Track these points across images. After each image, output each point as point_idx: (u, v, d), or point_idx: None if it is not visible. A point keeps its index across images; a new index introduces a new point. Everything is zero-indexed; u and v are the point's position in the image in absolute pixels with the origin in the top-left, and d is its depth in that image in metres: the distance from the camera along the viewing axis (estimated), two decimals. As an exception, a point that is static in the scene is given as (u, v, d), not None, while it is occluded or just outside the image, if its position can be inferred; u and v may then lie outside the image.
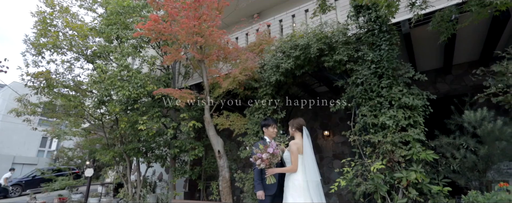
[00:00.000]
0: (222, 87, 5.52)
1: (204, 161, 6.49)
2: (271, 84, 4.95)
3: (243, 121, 5.59)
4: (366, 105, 3.85)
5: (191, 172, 6.33)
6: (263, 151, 3.38)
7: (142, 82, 5.39)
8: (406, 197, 3.32)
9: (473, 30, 4.71)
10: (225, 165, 5.41)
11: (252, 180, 4.72)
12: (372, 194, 3.58)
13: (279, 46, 4.97)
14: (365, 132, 3.84)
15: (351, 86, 4.14)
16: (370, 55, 3.93)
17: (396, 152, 3.41)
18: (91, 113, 7.35)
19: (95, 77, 5.87)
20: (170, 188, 6.53)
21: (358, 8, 4.33)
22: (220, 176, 5.35)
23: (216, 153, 5.43)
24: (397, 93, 3.64)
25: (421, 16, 3.41)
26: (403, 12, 4.36)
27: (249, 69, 4.96)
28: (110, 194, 9.98)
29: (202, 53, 5.46)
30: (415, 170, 3.35)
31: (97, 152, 7.37)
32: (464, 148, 3.30)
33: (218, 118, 5.73)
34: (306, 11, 5.70)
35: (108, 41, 6.71)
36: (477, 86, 6.00)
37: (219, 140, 5.58)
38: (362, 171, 3.71)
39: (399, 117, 3.50)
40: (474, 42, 5.31)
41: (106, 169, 10.11)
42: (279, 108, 5.07)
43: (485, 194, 2.66)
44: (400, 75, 3.79)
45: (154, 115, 5.59)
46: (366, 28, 4.22)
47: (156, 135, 5.75)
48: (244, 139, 5.24)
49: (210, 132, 5.54)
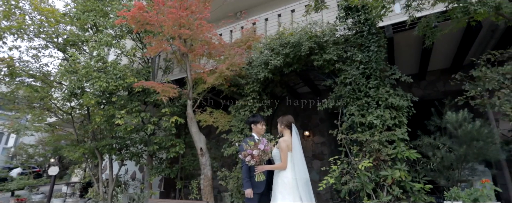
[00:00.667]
0: (206, 83, 5.36)
1: (183, 159, 6.26)
2: (259, 81, 4.89)
3: (227, 118, 5.48)
4: (354, 104, 3.93)
5: (169, 170, 6.07)
6: (254, 147, 3.31)
7: (121, 74, 5.05)
8: (390, 195, 3.43)
9: (448, 39, 5.02)
10: (208, 163, 5.24)
11: (236, 178, 4.62)
12: (358, 192, 3.65)
13: (268, 43, 4.93)
14: (352, 131, 3.92)
15: (339, 86, 4.20)
16: (359, 56, 4.02)
17: (382, 150, 3.51)
18: (60, 106, 6.79)
19: (67, 67, 5.41)
20: (146, 187, 6.21)
21: (347, 9, 4.43)
22: (202, 174, 5.17)
23: (198, 150, 5.25)
24: (384, 93, 3.75)
25: (415, 19, 3.54)
26: (386, 18, 4.53)
27: (236, 65, 4.87)
28: (77, 194, 9.29)
29: (186, 47, 5.26)
30: (399, 168, 3.47)
31: (64, 149, 6.81)
32: (443, 148, 3.48)
33: (201, 115, 5.55)
34: (292, 11, 5.72)
35: (83, 30, 6.24)
36: (448, 92, 6.42)
37: (201, 137, 5.41)
38: (348, 169, 3.78)
39: (386, 117, 3.61)
40: (447, 51, 5.67)
41: (73, 167, 9.39)
42: (265, 105, 5.02)
43: (466, 190, 2.81)
44: (386, 76, 3.92)
45: (133, 109, 5.27)
46: (354, 29, 4.32)
47: (134, 131, 5.43)
48: (229, 136, 5.13)
49: (193, 129, 5.35)
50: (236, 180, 4.56)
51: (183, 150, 5.45)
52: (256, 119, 3.71)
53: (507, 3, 3.03)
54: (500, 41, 4.91)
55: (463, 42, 5.08)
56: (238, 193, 4.50)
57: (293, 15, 5.70)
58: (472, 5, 3.04)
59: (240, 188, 4.57)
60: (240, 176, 4.60)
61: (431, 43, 3.68)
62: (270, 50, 4.77)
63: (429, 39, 3.66)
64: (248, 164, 3.30)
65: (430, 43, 3.67)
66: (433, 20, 3.56)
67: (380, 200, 3.39)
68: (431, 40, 3.60)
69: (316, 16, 5.30)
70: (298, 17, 5.51)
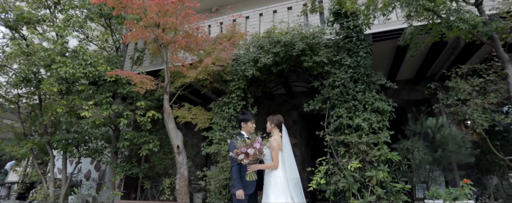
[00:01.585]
0: (186, 77, 5.07)
1: (154, 157, 5.81)
2: (245, 79, 4.78)
3: (207, 115, 5.24)
4: (342, 107, 4.04)
5: (137, 169, 5.58)
6: (249, 145, 3.19)
7: (92, 60, 4.48)
8: (374, 195, 3.59)
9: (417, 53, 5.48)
10: (185, 161, 4.94)
11: (220, 178, 4.42)
12: (344, 192, 3.75)
13: (255, 40, 4.85)
14: (339, 132, 4.03)
15: (327, 88, 4.30)
16: (348, 60, 4.17)
17: (370, 152, 3.66)
18: (4, 93, 5.81)
19: (23, 47, 4.62)
20: (108, 187, 5.62)
21: (336, 15, 4.56)
22: (177, 174, 4.85)
23: (174, 148, 4.92)
24: (371, 98, 3.93)
25: (413, 28, 3.76)
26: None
27: (222, 60, 4.68)
28: (13, 196, 8.02)
29: (167, 36, 4.90)
30: (382, 169, 3.66)
31: (6, 144, 5.84)
32: (420, 151, 3.77)
33: (179, 110, 5.22)
34: (274, 12, 5.72)
35: (43, 7, 5.43)
36: (411, 101, 7.04)
37: (179, 134, 5.08)
38: (334, 170, 3.87)
39: (373, 120, 3.78)
40: (413, 64, 6.18)
41: (14, 165, 8.11)
42: (250, 104, 4.92)
43: (445, 189, 3.07)
44: (372, 82, 4.12)
45: (103, 101, 4.72)
46: (342, 34, 4.45)
47: (102, 125, 4.85)
48: (209, 134, 4.90)
49: (170, 125, 4.99)
50: (217, 180, 4.36)
51: (157, 147, 5.06)
52: (246, 117, 3.59)
53: (482, 24, 3.39)
54: (458, 57, 5.49)
55: (428, 56, 5.59)
56: (219, 194, 4.31)
57: (275, 16, 5.70)
58: (455, 21, 3.35)
59: (221, 189, 4.39)
60: (223, 176, 4.43)
61: (414, 54, 3.98)
62: (258, 47, 4.69)
63: (412, 50, 3.95)
64: (242, 163, 3.16)
65: (413, 53, 3.96)
66: (416, 32, 3.84)
67: (365, 200, 3.53)
68: (415, 51, 3.89)
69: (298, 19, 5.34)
70: (280, 17, 5.50)
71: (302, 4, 5.33)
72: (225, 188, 4.44)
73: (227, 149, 3.38)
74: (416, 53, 4.03)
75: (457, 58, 5.47)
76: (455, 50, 5.49)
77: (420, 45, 3.81)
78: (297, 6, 5.38)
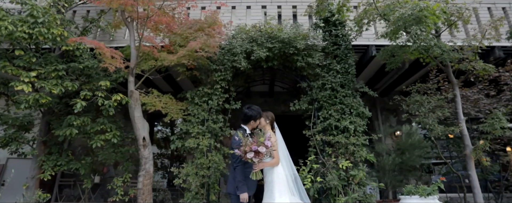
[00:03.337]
0: (160, 59, 4.44)
1: (102, 150, 4.75)
2: (232, 71, 4.49)
3: (180, 105, 4.67)
4: (330, 109, 4.23)
5: (77, 164, 4.48)
6: (259, 143, 2.97)
7: (45, 19, 3.35)
8: (356, 192, 3.87)
9: (369, 69, 6.20)
10: (151, 156, 4.26)
11: (203, 176, 3.96)
12: (329, 190, 3.91)
13: (242, 32, 4.64)
14: (326, 133, 4.19)
15: (316, 90, 4.43)
16: (338, 66, 4.42)
17: (356, 153, 3.94)
18: None
19: None
20: (30, 187, 4.34)
21: (325, 21, 4.78)
22: (141, 170, 4.14)
23: (140, 140, 4.20)
24: (356, 103, 4.26)
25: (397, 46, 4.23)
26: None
27: (211, 47, 4.28)
28: None
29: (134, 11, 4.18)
30: (362, 169, 3.98)
31: None
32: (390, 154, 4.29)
33: (147, 97, 4.50)
34: (263, 7, 5.64)
35: None
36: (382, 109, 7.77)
37: (145, 124, 4.37)
38: (320, 168, 4.00)
39: (358, 123, 4.10)
40: (366, 78, 7.00)
41: None
42: (232, 97, 4.63)
43: (418, 187, 3.56)
44: (356, 89, 4.47)
45: (53, 74, 3.59)
46: (330, 41, 4.69)
47: (48, 104, 3.66)
48: (183, 127, 4.38)
49: (136, 113, 4.24)
50: (198, 178, 3.91)
51: (117, 138, 4.19)
52: (255, 114, 3.19)
53: (450, 51, 4.11)
54: (401, 76, 6.47)
55: (377, 73, 6.43)
56: (200, 195, 3.87)
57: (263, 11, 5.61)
58: (432, 47, 3.96)
59: (199, 188, 3.95)
60: (203, 173, 3.99)
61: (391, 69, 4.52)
62: (250, 40, 4.49)
63: (390, 65, 4.49)
64: (251, 162, 2.89)
65: (390, 68, 4.50)
66: (396, 50, 4.39)
67: (350, 197, 3.76)
68: (393, 66, 4.44)
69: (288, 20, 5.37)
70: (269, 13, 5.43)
71: (292, 6, 5.42)
72: (203, 187, 4.02)
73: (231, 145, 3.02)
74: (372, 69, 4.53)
75: (400, 77, 6.46)
76: (400, 70, 6.47)
77: (398, 61, 4.36)
78: (287, 6, 5.43)
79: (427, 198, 3.42)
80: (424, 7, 3.17)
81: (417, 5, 3.16)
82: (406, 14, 3.17)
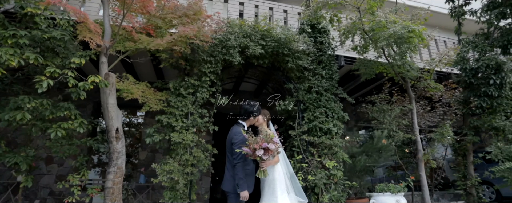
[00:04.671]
0: (138, 42, 3.96)
1: (49, 142, 3.88)
2: (222, 64, 4.29)
3: (159, 95, 4.21)
4: (315, 111, 4.43)
5: (16, 157, 3.57)
6: (269, 140, 2.95)
7: None
8: (336, 190, 4.14)
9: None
10: (123, 150, 3.71)
11: (178, 172, 3.60)
12: (312, 188, 4.07)
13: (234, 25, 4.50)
14: (311, 134, 4.37)
15: (301, 92, 4.58)
16: (323, 71, 4.67)
17: (338, 153, 4.21)
18: None
19: None
20: None
21: (312, 27, 5.01)
22: (112, 166, 3.57)
23: (112, 131, 3.62)
24: (337, 107, 4.57)
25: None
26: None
27: (205, 36, 4.00)
28: None
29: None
30: (340, 169, 4.29)
31: None
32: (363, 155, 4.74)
33: (122, 83, 3.92)
34: (256, 7, 5.56)
35: None
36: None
37: (119, 114, 3.79)
38: (306, 167, 4.15)
39: (340, 126, 4.40)
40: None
41: None
42: (219, 92, 4.41)
43: (390, 184, 4.03)
44: (337, 94, 4.79)
45: (10, 41, 2.74)
46: (316, 47, 4.92)
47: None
48: (166, 119, 3.97)
49: (110, 99, 3.64)
50: (183, 176, 3.57)
51: (84, 127, 3.49)
52: (255, 110, 3.11)
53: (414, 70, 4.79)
54: (356, 87, 7.21)
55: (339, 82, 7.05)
56: (184, 195, 3.54)
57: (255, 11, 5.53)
58: (403, 64, 4.56)
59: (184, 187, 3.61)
60: (188, 170, 3.67)
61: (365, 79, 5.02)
62: (244, 35, 4.37)
63: (365, 76, 4.98)
64: (256, 159, 2.82)
65: (365, 78, 4.99)
66: (371, 64, 4.90)
67: (331, 194, 4.00)
68: (368, 77, 4.93)
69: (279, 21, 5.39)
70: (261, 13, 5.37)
71: (283, 10, 5.50)
72: (186, 186, 3.70)
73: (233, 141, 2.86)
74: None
75: (355, 88, 7.19)
76: (355, 82, 7.18)
77: (374, 71, 4.86)
78: (278, 8, 5.46)
79: (397, 194, 3.91)
80: (412, 29, 3.64)
81: (408, 25, 3.61)
82: (399, 33, 3.58)
